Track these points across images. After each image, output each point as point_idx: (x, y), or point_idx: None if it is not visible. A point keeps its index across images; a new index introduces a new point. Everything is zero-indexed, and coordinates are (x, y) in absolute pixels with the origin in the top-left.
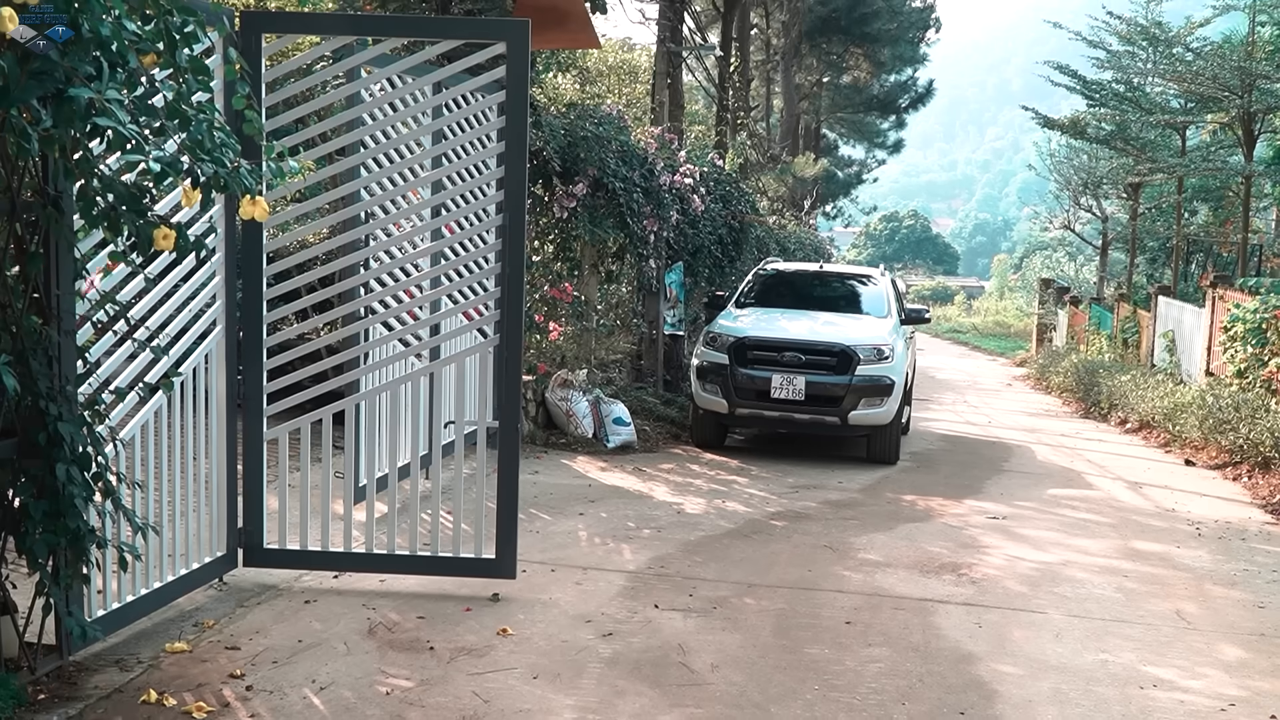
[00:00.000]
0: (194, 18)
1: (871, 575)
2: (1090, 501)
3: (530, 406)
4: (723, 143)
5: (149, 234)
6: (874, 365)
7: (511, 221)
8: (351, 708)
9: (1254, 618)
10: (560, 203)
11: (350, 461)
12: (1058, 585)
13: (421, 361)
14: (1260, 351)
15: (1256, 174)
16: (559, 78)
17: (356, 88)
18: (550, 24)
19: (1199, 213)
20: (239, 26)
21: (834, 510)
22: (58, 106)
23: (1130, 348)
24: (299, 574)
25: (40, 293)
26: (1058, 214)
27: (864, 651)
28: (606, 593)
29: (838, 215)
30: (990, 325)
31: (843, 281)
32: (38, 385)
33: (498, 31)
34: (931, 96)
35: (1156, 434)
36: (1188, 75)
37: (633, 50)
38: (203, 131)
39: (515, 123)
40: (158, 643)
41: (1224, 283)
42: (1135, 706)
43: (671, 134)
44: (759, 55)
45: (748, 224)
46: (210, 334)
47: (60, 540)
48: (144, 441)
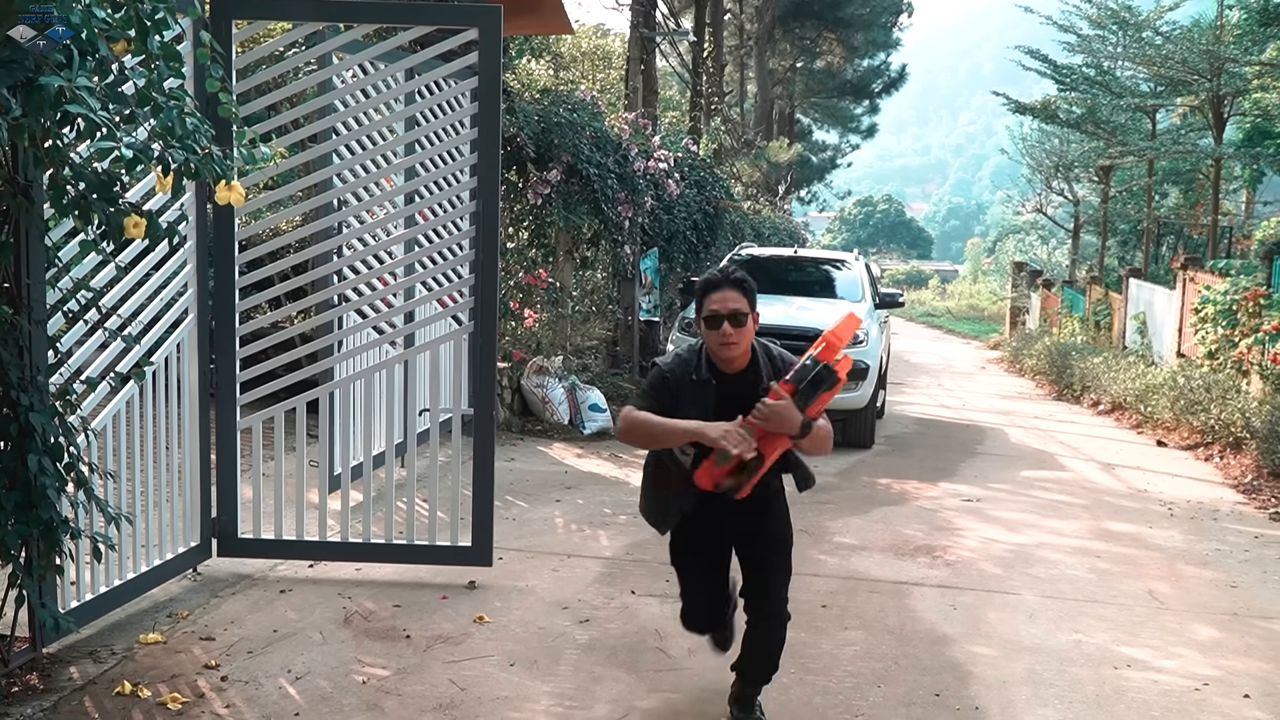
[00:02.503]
0: (164, 4)
1: (847, 559)
2: (1063, 483)
3: (506, 393)
4: (697, 128)
5: (120, 222)
6: (848, 349)
7: (485, 208)
8: (328, 697)
9: (1227, 597)
10: (534, 189)
11: (325, 450)
12: (1031, 566)
13: (396, 349)
14: (1231, 333)
15: (1226, 157)
16: (532, 63)
17: (328, 74)
18: (522, 9)
19: (1169, 195)
20: (209, 13)
21: (809, 494)
22: (27, 95)
23: (1102, 330)
24: (274, 563)
25: (10, 282)
26: (1030, 198)
27: (840, 635)
28: (583, 579)
29: (812, 200)
30: (964, 309)
31: (817, 266)
32: (9, 375)
33: (469, 17)
34: (904, 81)
35: (1128, 415)
36: (1157, 59)
37: (606, 36)
38: (173, 118)
39: (488, 109)
40: (132, 634)
41: (1195, 265)
42: (1109, 686)
43: (645, 119)
44: (732, 40)
45: (722, 209)
46: (182, 322)
47: (33, 531)
48: (116, 431)
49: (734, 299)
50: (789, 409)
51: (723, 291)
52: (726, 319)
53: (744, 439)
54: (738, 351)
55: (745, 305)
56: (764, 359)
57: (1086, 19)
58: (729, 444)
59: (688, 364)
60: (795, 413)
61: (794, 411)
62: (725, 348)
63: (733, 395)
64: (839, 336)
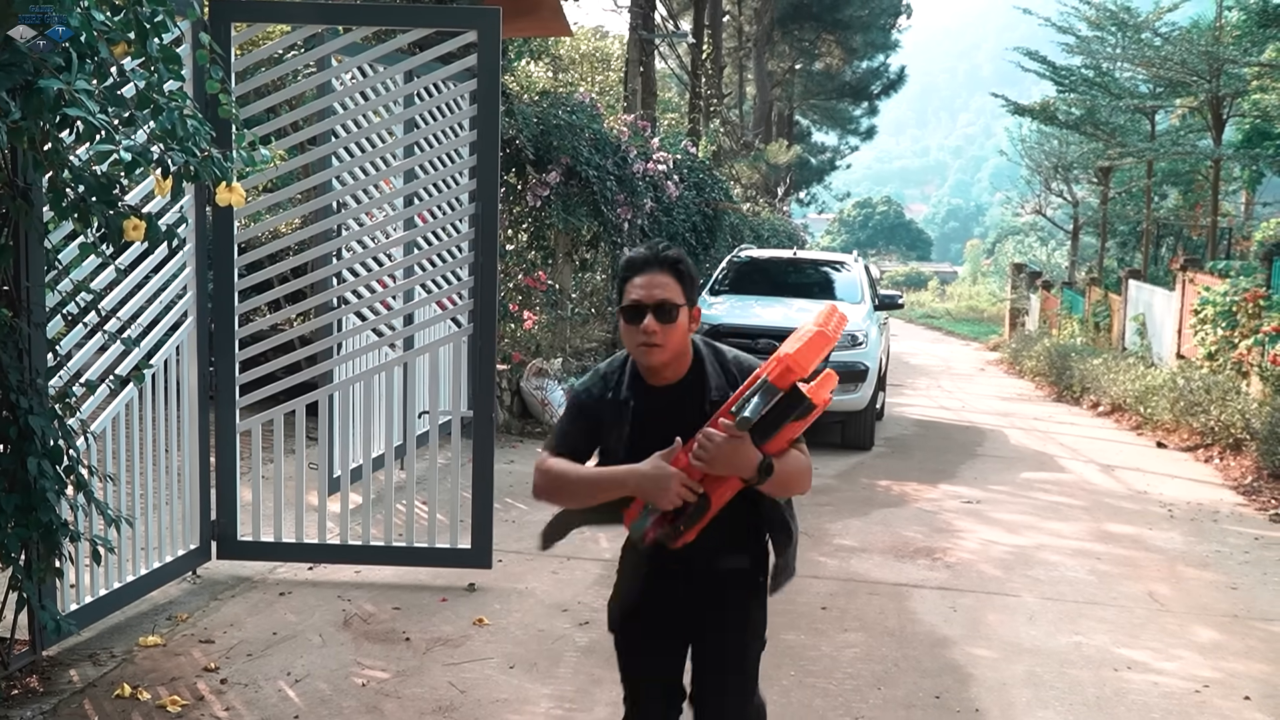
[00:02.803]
0: (163, 7)
1: (847, 561)
2: (1063, 484)
3: (505, 396)
4: (696, 130)
5: (119, 225)
6: (848, 351)
7: (484, 210)
8: (327, 700)
9: (1227, 599)
10: (533, 191)
11: (324, 453)
12: (1031, 568)
13: (395, 351)
14: (1230, 334)
15: (1225, 158)
16: (531, 65)
17: (327, 77)
18: (521, 11)
19: (1169, 197)
20: (208, 16)
21: (809, 496)
22: (27, 98)
23: (1102, 331)
24: (273, 566)
25: (10, 285)
26: (1029, 199)
27: (840, 637)
28: (583, 581)
29: (811, 202)
30: (963, 310)
31: (816, 268)
32: (8, 378)
33: (468, 20)
34: (903, 83)
35: (1128, 417)
36: (1156, 60)
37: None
38: (174, 120)
39: (487, 111)
40: (131, 636)
41: (1194, 266)
42: (1109, 689)
43: (644, 121)
44: (731, 42)
45: (721, 211)
46: (182, 325)
47: (32, 534)
48: (116, 434)
49: (662, 284)
50: (739, 447)
51: (648, 274)
52: (651, 311)
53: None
54: (663, 357)
55: (678, 294)
56: (713, 367)
57: (1085, 20)
58: (657, 498)
59: (608, 380)
60: (748, 450)
61: (746, 449)
62: (647, 351)
63: (662, 418)
64: (799, 361)
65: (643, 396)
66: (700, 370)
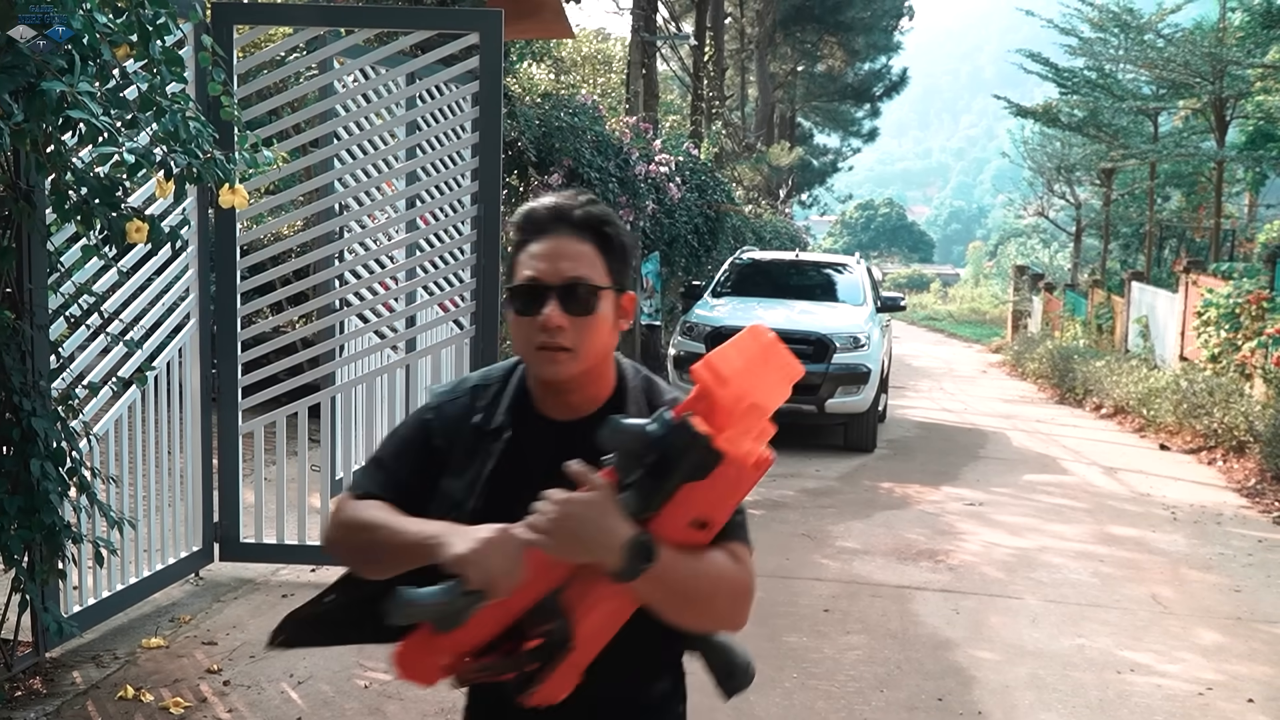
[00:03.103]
0: (166, 9)
1: (849, 563)
2: (1065, 487)
3: None
4: (698, 132)
5: (122, 227)
6: (850, 353)
7: (487, 212)
8: (330, 701)
9: (1230, 601)
10: (536, 193)
11: (327, 455)
12: (1034, 570)
13: (397, 354)
14: (1234, 336)
15: (1228, 159)
16: (533, 68)
17: (329, 79)
18: (523, 14)
19: (1172, 198)
20: (210, 18)
21: (811, 498)
22: (29, 100)
23: (1104, 333)
24: (276, 568)
25: (13, 287)
26: (1032, 201)
27: (842, 639)
28: None
29: (813, 204)
30: (966, 312)
31: (818, 270)
32: (11, 380)
33: (470, 22)
34: (905, 85)
35: (1131, 419)
36: (1159, 62)
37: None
38: (177, 122)
39: (489, 113)
40: (134, 638)
41: (1197, 268)
42: (1112, 691)
43: (646, 123)
44: (733, 44)
45: (723, 213)
46: (184, 327)
47: (35, 536)
48: (118, 436)
49: (575, 255)
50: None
51: (554, 238)
52: (555, 295)
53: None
54: (572, 368)
55: (600, 272)
56: (638, 401)
57: (1088, 22)
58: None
59: (478, 396)
60: (607, 518)
61: (603, 516)
62: (547, 359)
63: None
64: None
65: (526, 430)
66: (619, 404)
